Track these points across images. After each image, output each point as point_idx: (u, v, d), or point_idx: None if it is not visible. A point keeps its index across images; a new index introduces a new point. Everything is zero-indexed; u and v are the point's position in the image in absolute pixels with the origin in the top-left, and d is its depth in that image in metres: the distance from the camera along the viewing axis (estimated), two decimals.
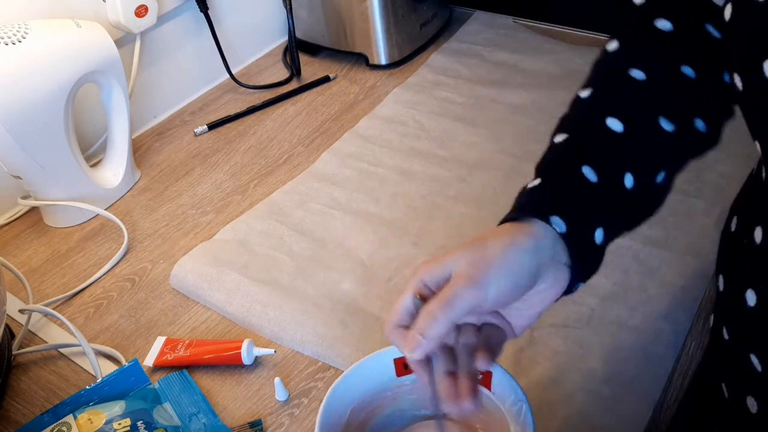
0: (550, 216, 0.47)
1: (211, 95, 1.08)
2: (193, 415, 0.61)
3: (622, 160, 0.50)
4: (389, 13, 1.04)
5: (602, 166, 0.49)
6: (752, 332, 0.51)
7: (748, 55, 0.43)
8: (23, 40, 0.74)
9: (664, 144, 0.51)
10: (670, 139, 0.51)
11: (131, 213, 0.87)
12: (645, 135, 0.51)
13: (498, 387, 0.53)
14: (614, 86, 0.52)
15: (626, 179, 0.50)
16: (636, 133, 0.50)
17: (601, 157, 0.49)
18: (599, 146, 0.50)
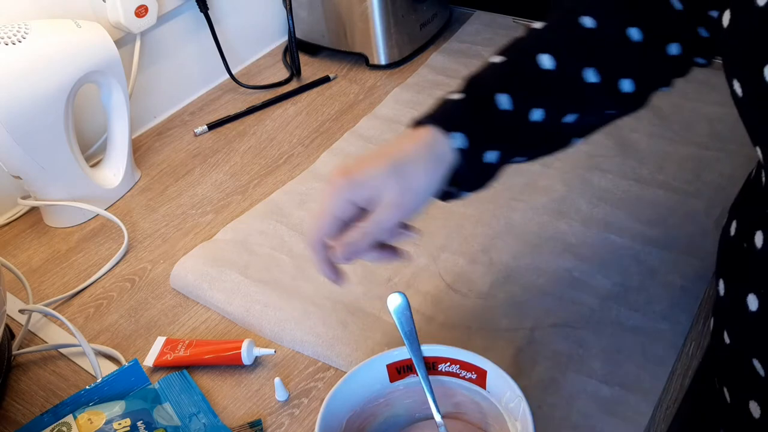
0: (453, 132, 0.52)
1: (211, 95, 1.08)
2: (193, 415, 0.61)
3: (541, 95, 0.54)
4: (389, 13, 1.04)
5: (519, 96, 0.53)
6: (754, 337, 0.51)
7: (748, 60, 0.43)
8: (23, 40, 0.74)
9: (584, 93, 0.54)
10: (592, 90, 0.54)
11: (131, 213, 0.87)
12: (569, 79, 0.54)
13: (493, 385, 0.53)
14: (561, 26, 0.55)
15: (535, 113, 0.54)
16: (562, 75, 0.53)
17: (520, 88, 0.53)
18: (525, 77, 0.54)
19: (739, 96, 0.45)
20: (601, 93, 0.54)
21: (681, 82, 0.62)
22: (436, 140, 0.52)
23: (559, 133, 0.57)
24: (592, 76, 0.53)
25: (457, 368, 0.54)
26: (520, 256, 0.74)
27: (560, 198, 0.80)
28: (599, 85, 0.54)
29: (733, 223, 0.55)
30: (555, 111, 0.54)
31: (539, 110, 0.53)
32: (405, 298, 0.56)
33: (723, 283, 0.55)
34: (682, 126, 0.89)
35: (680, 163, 0.83)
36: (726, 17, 0.44)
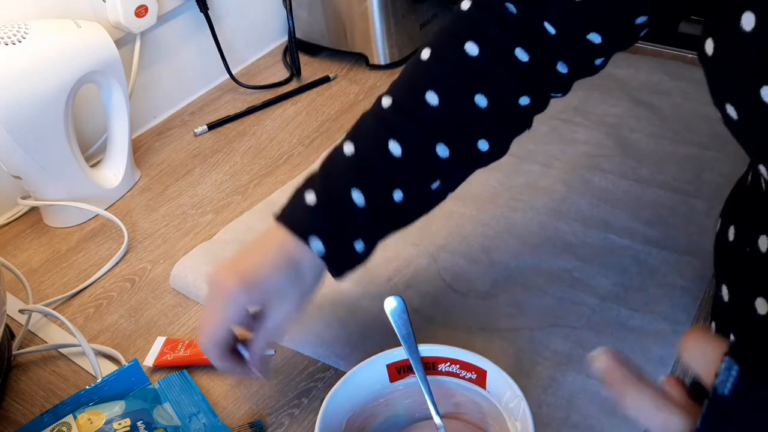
0: (310, 236, 0.54)
1: (211, 95, 1.08)
2: (193, 415, 0.61)
3: (395, 182, 0.55)
4: (389, 13, 1.04)
5: (372, 189, 0.55)
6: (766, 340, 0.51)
7: (742, 84, 0.42)
8: (23, 40, 0.74)
9: (439, 167, 0.56)
10: (446, 162, 0.56)
11: (131, 213, 0.87)
12: (420, 161, 0.56)
13: (493, 385, 0.53)
14: (405, 108, 0.56)
15: (395, 195, 0.55)
16: (412, 158, 0.55)
17: (375, 181, 0.55)
18: (376, 170, 0.55)
19: (734, 119, 0.45)
20: (456, 161, 0.56)
21: (681, 82, 0.62)
22: (294, 250, 0.54)
23: (427, 200, 0.59)
24: (443, 151, 0.55)
25: (457, 368, 0.54)
26: (520, 256, 0.74)
27: (560, 198, 0.80)
28: (450, 157, 0.55)
29: (730, 228, 0.55)
30: (415, 189, 0.56)
31: (398, 192, 0.55)
32: (402, 301, 0.56)
33: (726, 288, 0.55)
34: (682, 126, 0.89)
35: (680, 163, 0.83)
36: (709, 46, 0.44)
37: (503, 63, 0.54)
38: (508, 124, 0.57)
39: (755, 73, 0.41)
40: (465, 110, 0.55)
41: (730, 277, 0.55)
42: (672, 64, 0.99)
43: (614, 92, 0.96)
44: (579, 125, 0.91)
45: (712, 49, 0.44)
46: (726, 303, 0.54)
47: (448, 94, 0.55)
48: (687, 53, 1.00)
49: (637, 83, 0.97)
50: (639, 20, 0.51)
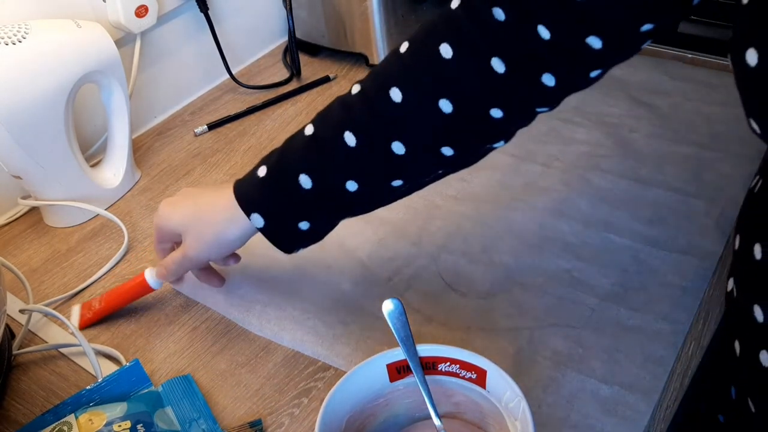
0: (252, 213, 0.60)
1: (211, 95, 1.08)
2: (194, 420, 0.61)
3: (348, 170, 0.56)
4: (389, 13, 1.04)
5: (322, 174, 0.57)
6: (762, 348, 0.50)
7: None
8: (23, 40, 0.74)
9: (398, 165, 0.55)
10: (401, 160, 0.55)
11: (131, 213, 0.87)
12: (374, 156, 0.55)
13: (493, 385, 0.53)
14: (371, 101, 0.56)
15: (348, 184, 0.57)
16: (366, 152, 0.55)
17: (325, 166, 0.57)
18: (328, 155, 0.57)
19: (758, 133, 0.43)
20: (413, 161, 0.55)
21: (681, 82, 0.62)
22: (237, 215, 0.61)
23: (387, 194, 0.59)
24: (399, 149, 0.55)
25: (456, 368, 0.54)
26: (520, 256, 0.74)
27: (560, 198, 0.80)
28: (407, 157, 0.55)
29: (756, 246, 0.51)
30: (370, 182, 0.56)
31: (352, 182, 0.57)
32: (399, 303, 0.56)
33: (760, 309, 0.52)
34: (682, 126, 0.89)
35: (680, 163, 0.83)
36: (752, 56, 0.40)
37: (476, 71, 0.51)
38: (475, 133, 0.55)
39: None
40: (427, 112, 0.53)
41: (765, 297, 0.51)
42: (672, 64, 0.99)
43: (614, 92, 0.96)
44: (579, 125, 0.91)
45: (756, 59, 0.40)
46: (761, 324, 0.51)
47: (413, 92, 0.53)
48: (687, 53, 1.00)
49: (637, 83, 0.97)
50: (644, 28, 0.49)
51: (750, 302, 0.52)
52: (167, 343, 0.70)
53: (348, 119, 0.56)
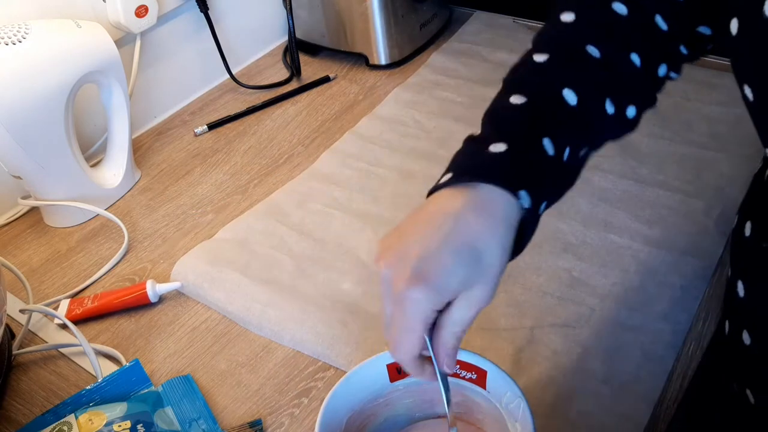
0: (520, 191, 0.45)
1: (211, 95, 1.08)
2: (194, 421, 0.61)
3: (570, 134, 0.50)
4: (389, 13, 1.04)
5: (557, 139, 0.49)
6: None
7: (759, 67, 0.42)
8: (23, 41, 0.74)
9: (603, 124, 0.52)
10: (609, 121, 0.52)
11: (131, 213, 0.87)
12: (592, 113, 0.51)
13: (493, 385, 0.53)
14: (571, 58, 0.51)
15: (566, 152, 0.50)
16: (585, 109, 0.51)
17: (557, 130, 0.49)
18: (555, 118, 0.49)
19: (751, 101, 0.45)
20: (615, 122, 0.53)
21: (681, 82, 0.62)
22: (501, 204, 0.45)
23: (576, 169, 0.54)
24: (609, 107, 0.52)
25: (456, 368, 0.54)
26: (520, 257, 0.74)
27: None
28: (614, 115, 0.52)
29: (747, 223, 0.54)
30: (577, 147, 0.51)
31: (568, 149, 0.50)
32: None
33: (742, 284, 0.54)
34: (682, 126, 0.89)
35: (680, 163, 0.83)
36: (734, 25, 0.43)
37: (647, 27, 0.52)
38: (649, 89, 0.55)
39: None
40: (624, 66, 0.52)
41: (747, 273, 0.54)
42: None
43: None
44: None
45: (736, 28, 0.43)
46: (741, 299, 0.54)
47: (608, 48, 0.51)
48: None
49: None
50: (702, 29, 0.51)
51: (735, 278, 0.54)
52: (167, 343, 0.70)
53: (562, 77, 0.51)
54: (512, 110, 0.49)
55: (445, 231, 0.44)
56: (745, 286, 0.54)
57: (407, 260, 0.44)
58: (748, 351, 0.54)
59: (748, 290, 0.54)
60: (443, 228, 0.44)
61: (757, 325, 0.53)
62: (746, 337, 0.53)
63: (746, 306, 0.54)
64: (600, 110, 0.51)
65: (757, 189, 0.56)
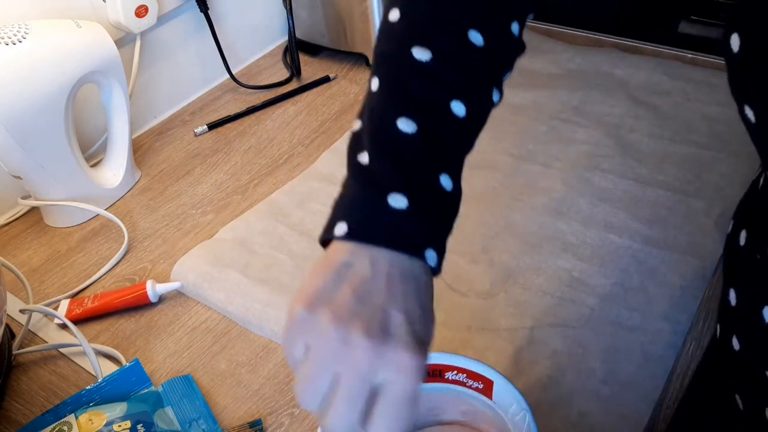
0: (425, 251, 0.42)
1: (211, 95, 1.08)
2: (194, 421, 0.61)
3: (461, 152, 0.47)
4: None
5: (452, 170, 0.45)
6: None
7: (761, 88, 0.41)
8: (23, 41, 0.74)
9: (486, 118, 0.49)
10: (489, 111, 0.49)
11: (131, 213, 0.87)
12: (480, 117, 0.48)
13: (499, 396, 0.53)
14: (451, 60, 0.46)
15: (460, 178, 0.46)
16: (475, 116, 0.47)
17: (452, 159, 0.45)
18: (449, 143, 0.45)
19: (752, 122, 0.43)
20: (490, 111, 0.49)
21: (681, 82, 0.61)
22: (407, 268, 0.41)
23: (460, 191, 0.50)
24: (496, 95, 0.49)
25: (464, 377, 0.54)
26: (520, 256, 0.74)
27: (560, 198, 0.80)
28: (496, 103, 0.49)
29: (742, 232, 0.53)
30: (463, 162, 0.48)
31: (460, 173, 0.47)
32: None
33: (734, 293, 0.54)
34: (682, 126, 0.89)
35: (680, 163, 0.83)
36: (734, 41, 0.41)
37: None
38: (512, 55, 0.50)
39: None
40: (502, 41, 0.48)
41: (740, 282, 0.53)
42: (672, 64, 0.99)
43: (614, 92, 0.96)
44: (579, 125, 0.91)
45: (738, 45, 0.41)
46: (733, 307, 0.53)
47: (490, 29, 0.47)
48: (687, 53, 1.00)
49: (637, 83, 0.97)
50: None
51: (728, 286, 0.53)
52: (167, 343, 0.70)
53: (446, 84, 0.46)
54: (406, 141, 0.44)
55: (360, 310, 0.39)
56: (736, 294, 0.53)
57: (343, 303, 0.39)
58: (737, 357, 0.54)
59: (739, 298, 0.53)
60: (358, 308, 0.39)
61: (746, 332, 0.53)
62: (735, 343, 0.53)
63: (737, 314, 0.54)
64: (487, 108, 0.48)
65: (753, 197, 0.55)
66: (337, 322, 0.38)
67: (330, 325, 0.38)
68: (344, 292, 0.39)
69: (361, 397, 0.37)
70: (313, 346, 0.38)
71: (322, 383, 0.38)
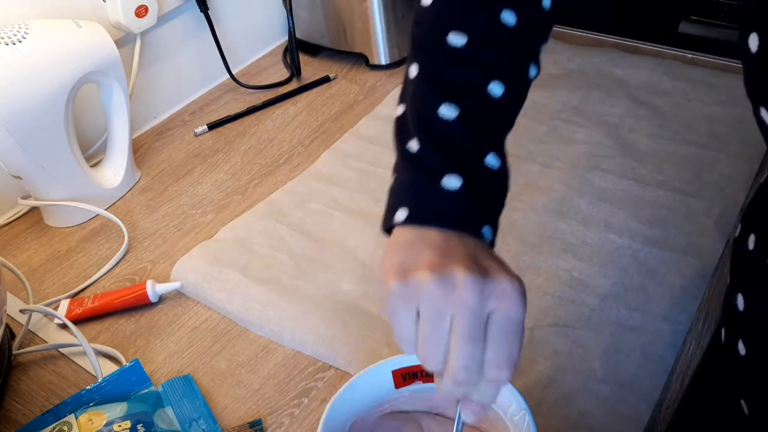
0: (483, 228, 0.44)
1: (211, 95, 1.08)
2: (194, 421, 0.61)
3: (504, 131, 0.48)
4: (389, 13, 1.04)
5: (498, 148, 0.47)
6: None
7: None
8: (23, 41, 0.74)
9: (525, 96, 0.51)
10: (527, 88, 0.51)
11: (131, 213, 0.87)
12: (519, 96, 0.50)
13: (499, 396, 0.53)
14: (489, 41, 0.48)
15: (506, 156, 0.48)
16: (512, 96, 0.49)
17: (496, 138, 0.47)
18: (492, 123, 0.47)
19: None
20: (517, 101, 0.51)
21: (681, 82, 0.61)
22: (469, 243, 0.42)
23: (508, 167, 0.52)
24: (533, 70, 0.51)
25: None
26: (520, 256, 0.74)
27: (560, 198, 0.80)
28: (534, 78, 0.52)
29: (750, 236, 0.52)
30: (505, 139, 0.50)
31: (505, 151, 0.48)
32: None
33: (742, 297, 0.53)
34: (682, 126, 0.89)
35: (680, 163, 0.83)
36: (753, 41, 0.40)
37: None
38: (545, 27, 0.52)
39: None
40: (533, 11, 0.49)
41: (748, 286, 0.52)
42: (672, 64, 0.99)
43: (614, 92, 0.96)
44: (579, 125, 0.91)
45: (756, 45, 0.40)
46: (741, 313, 0.52)
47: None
48: (687, 53, 1.00)
49: (637, 83, 0.97)
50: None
51: (736, 291, 0.53)
52: (167, 343, 0.70)
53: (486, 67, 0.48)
54: (450, 127, 0.46)
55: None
56: (745, 299, 0.52)
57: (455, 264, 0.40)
58: (743, 362, 0.53)
59: (748, 304, 0.53)
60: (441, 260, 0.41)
61: (754, 338, 0.52)
62: (742, 347, 0.53)
63: (745, 319, 0.53)
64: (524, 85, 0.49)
65: (762, 201, 0.54)
66: (436, 273, 0.39)
67: (430, 278, 0.39)
68: (429, 254, 0.41)
69: (478, 330, 0.39)
70: (422, 305, 0.39)
71: (441, 336, 0.39)
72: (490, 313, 0.39)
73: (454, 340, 0.39)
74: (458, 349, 0.39)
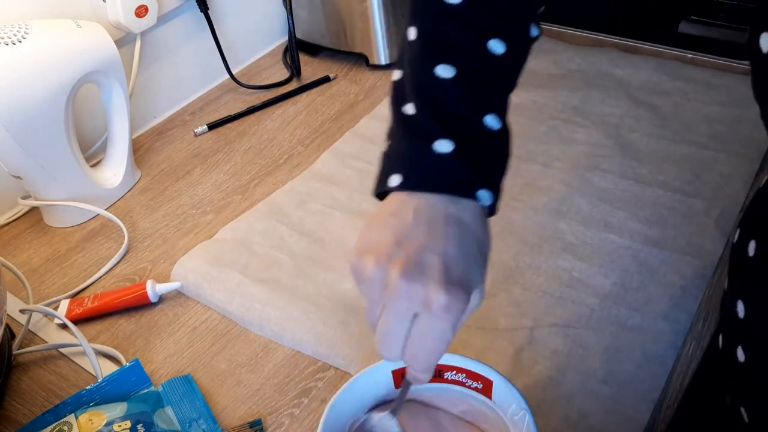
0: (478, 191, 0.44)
1: (211, 95, 1.08)
2: (194, 421, 0.61)
3: (505, 91, 0.48)
4: (389, 13, 1.04)
5: (497, 108, 0.46)
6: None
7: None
8: (23, 41, 0.74)
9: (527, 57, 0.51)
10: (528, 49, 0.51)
11: (131, 213, 0.87)
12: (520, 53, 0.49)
13: (498, 396, 0.53)
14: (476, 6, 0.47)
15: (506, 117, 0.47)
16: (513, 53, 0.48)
17: (495, 99, 0.46)
18: (490, 82, 0.46)
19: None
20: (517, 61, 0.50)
21: (681, 82, 0.61)
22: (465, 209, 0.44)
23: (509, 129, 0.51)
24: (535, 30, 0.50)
25: (463, 377, 0.54)
26: (520, 256, 0.74)
27: (560, 198, 0.80)
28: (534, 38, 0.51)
29: (750, 243, 0.51)
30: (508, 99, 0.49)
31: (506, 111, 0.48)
32: None
33: (742, 304, 0.52)
34: (682, 126, 0.89)
35: (680, 163, 0.83)
36: (764, 41, 0.40)
37: None
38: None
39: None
40: None
41: (748, 293, 0.52)
42: (672, 64, 0.99)
43: (614, 92, 0.96)
44: (579, 125, 0.91)
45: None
46: (741, 319, 0.52)
47: None
48: (687, 53, 1.00)
49: (637, 83, 0.97)
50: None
51: (735, 297, 0.52)
52: (167, 343, 0.70)
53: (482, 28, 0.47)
54: (444, 88, 0.45)
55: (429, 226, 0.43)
56: (745, 306, 0.52)
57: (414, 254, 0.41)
58: (742, 368, 0.53)
59: (748, 311, 0.52)
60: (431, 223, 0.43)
61: (754, 344, 0.52)
62: (741, 354, 0.52)
63: (745, 325, 0.52)
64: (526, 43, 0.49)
65: (761, 206, 0.53)
66: (378, 265, 0.41)
67: (371, 269, 0.42)
68: (386, 239, 0.42)
69: (398, 332, 0.41)
70: (363, 290, 0.43)
71: (373, 315, 0.43)
72: (416, 315, 0.41)
73: (379, 330, 0.42)
74: (380, 340, 0.42)
